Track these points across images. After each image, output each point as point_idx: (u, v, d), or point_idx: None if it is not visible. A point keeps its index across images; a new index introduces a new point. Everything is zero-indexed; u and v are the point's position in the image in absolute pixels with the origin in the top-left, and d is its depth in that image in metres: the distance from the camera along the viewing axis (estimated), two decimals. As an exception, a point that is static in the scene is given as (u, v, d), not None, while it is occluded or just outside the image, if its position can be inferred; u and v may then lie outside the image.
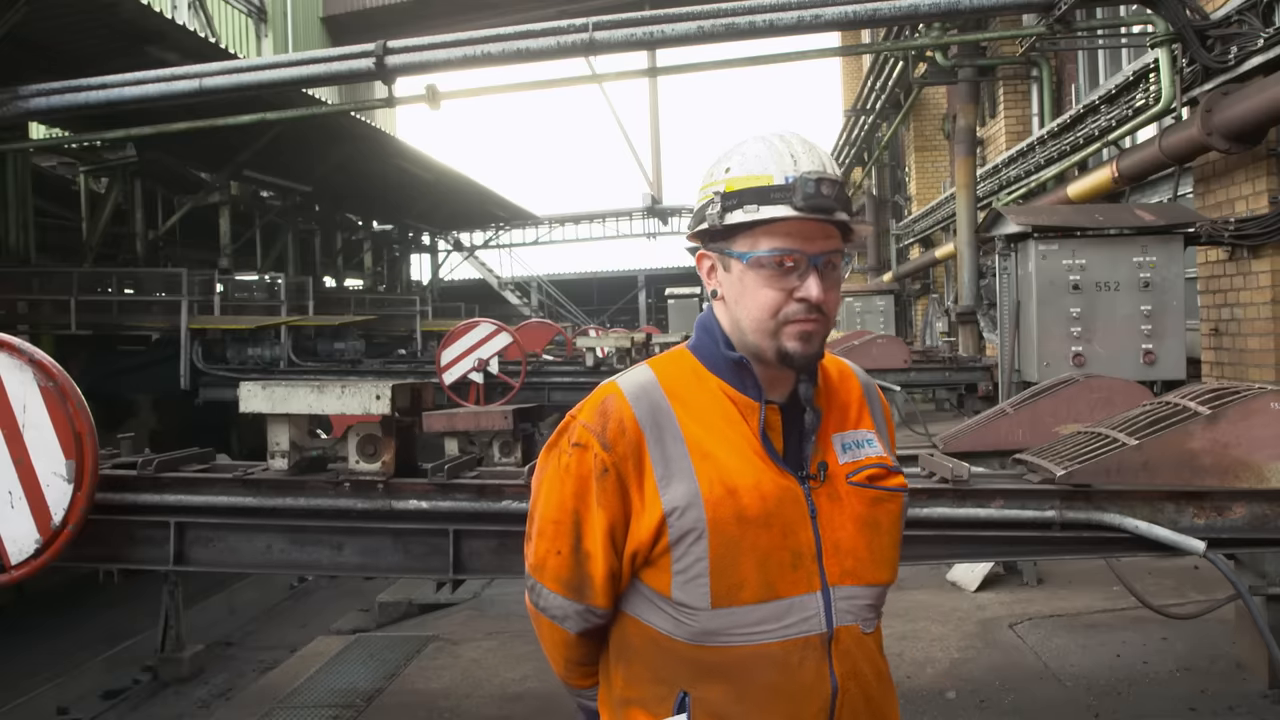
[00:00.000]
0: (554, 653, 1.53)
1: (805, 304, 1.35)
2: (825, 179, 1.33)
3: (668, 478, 1.34)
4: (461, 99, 10.53)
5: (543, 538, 1.44)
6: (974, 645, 4.54)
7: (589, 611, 1.43)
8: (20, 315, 13.08)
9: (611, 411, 1.38)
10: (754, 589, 1.33)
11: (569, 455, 1.40)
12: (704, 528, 1.32)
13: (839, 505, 1.40)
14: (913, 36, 9.98)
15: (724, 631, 1.34)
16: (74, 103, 8.58)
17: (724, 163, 1.41)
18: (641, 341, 12.91)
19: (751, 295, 1.37)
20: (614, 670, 1.45)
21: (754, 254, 1.36)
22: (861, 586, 1.40)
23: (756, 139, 1.40)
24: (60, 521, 3.21)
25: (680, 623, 1.35)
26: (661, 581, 1.36)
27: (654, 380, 1.42)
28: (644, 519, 1.35)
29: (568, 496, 1.40)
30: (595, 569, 1.40)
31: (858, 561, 1.39)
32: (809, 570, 1.36)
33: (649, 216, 31.33)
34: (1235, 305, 6.59)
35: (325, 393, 3.51)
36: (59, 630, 8.57)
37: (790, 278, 1.35)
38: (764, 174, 1.35)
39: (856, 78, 22.85)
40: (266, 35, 24.03)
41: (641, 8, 11.06)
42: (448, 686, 4.49)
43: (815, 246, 1.36)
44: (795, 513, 1.36)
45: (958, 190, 10.96)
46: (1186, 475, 3.37)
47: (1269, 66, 5.94)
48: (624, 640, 1.44)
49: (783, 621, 1.34)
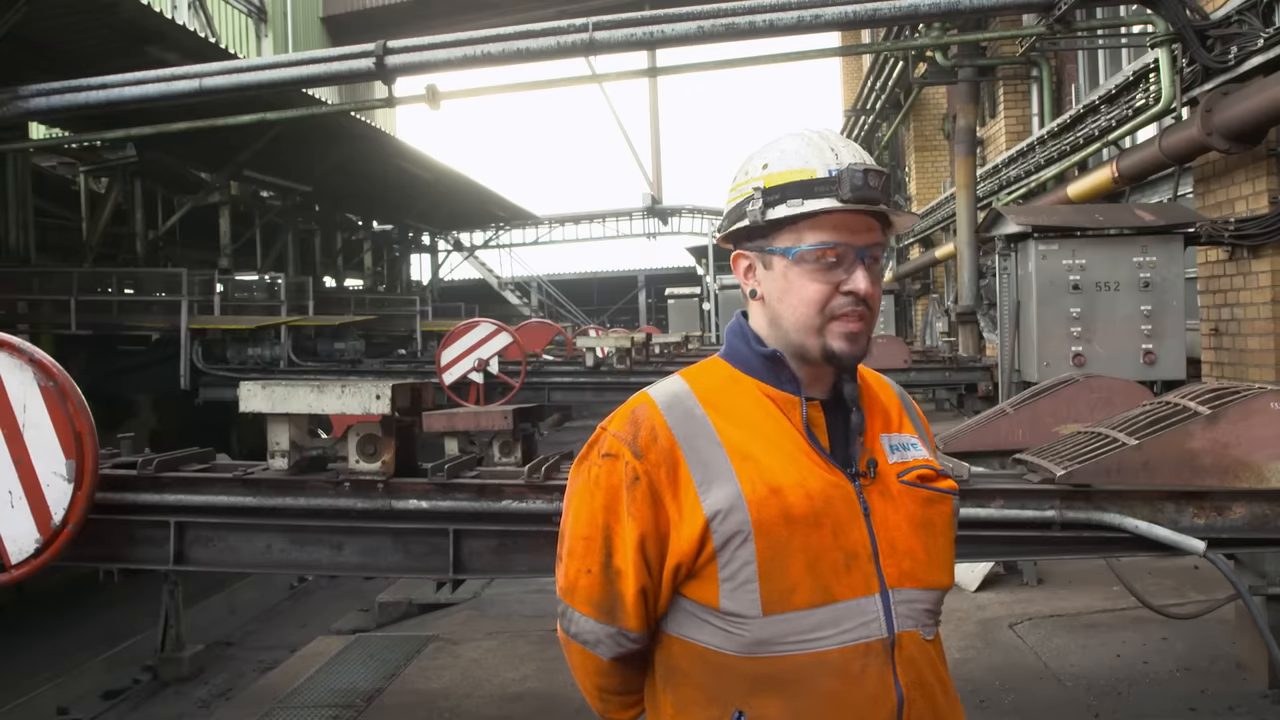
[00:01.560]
0: (586, 681, 1.44)
1: (853, 297, 1.33)
2: (872, 170, 1.32)
3: (707, 483, 1.29)
4: (461, 99, 10.53)
5: (573, 557, 1.37)
6: (974, 645, 4.54)
7: (621, 635, 1.35)
8: (20, 315, 13.08)
9: (643, 420, 1.34)
10: (807, 592, 1.27)
11: (599, 467, 1.35)
12: (749, 530, 1.26)
13: (892, 504, 1.34)
14: (913, 36, 9.99)
15: (778, 640, 1.27)
16: (74, 103, 8.58)
17: (759, 159, 1.38)
18: (641, 341, 12.90)
19: (797, 291, 1.34)
20: (661, 698, 1.38)
21: (800, 248, 1.33)
22: (921, 590, 1.34)
23: (792, 135, 1.39)
24: (60, 521, 3.21)
25: (731, 634, 1.29)
26: (708, 593, 1.30)
27: (686, 388, 1.38)
28: (684, 529, 1.29)
29: (598, 510, 1.34)
30: (626, 587, 1.33)
31: (915, 563, 1.34)
32: (865, 572, 1.30)
33: (649, 216, 31.37)
34: (1235, 305, 6.59)
35: (325, 393, 3.51)
36: (59, 630, 8.56)
37: (837, 271, 1.33)
38: (806, 168, 1.33)
39: (856, 78, 22.85)
40: (266, 35, 24.03)
41: (641, 8, 11.06)
42: (448, 686, 4.49)
43: (861, 239, 1.34)
44: (846, 511, 1.31)
45: (958, 190, 10.96)
46: (1186, 475, 3.36)
47: (1269, 66, 5.94)
48: (670, 664, 1.36)
49: (841, 626, 1.28)
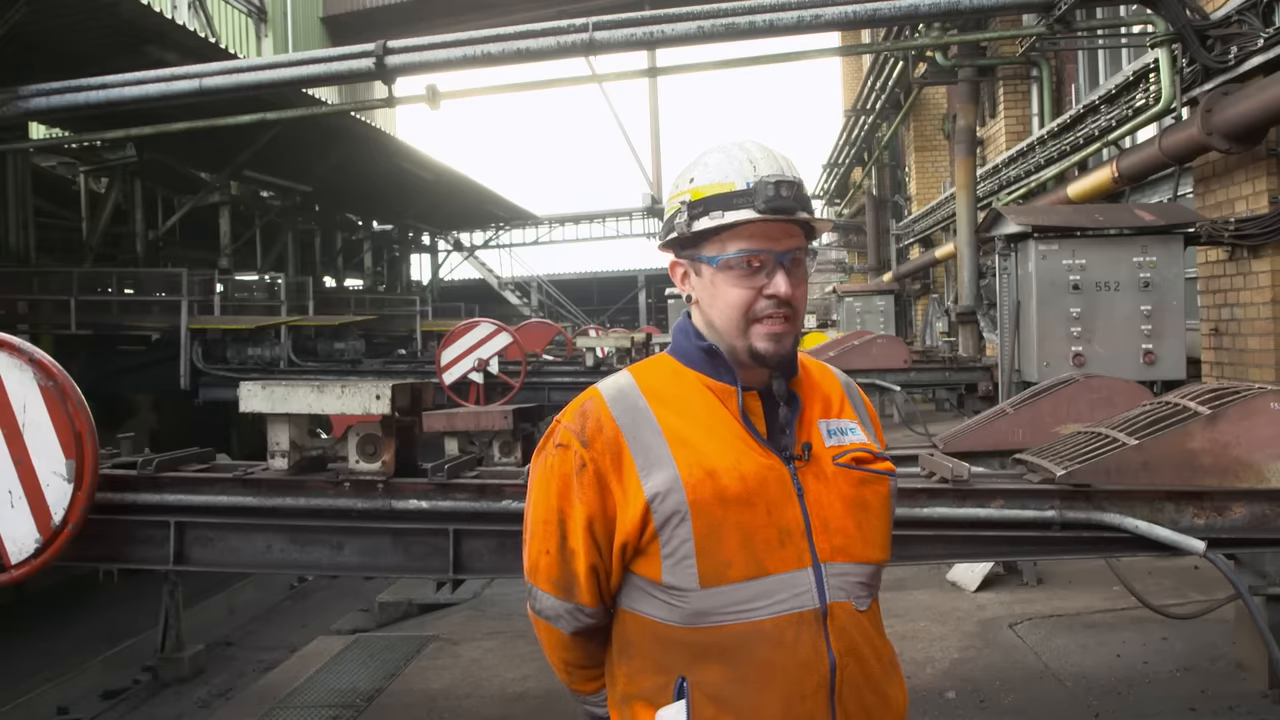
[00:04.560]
0: (553, 655, 1.58)
1: (775, 299, 1.43)
2: (784, 181, 1.42)
3: (648, 467, 1.40)
4: (461, 99, 10.52)
5: (534, 539, 1.50)
6: (974, 645, 4.54)
7: (579, 610, 1.48)
8: (20, 315, 13.10)
9: (590, 412, 1.45)
10: (741, 566, 1.37)
11: (553, 456, 1.47)
12: (686, 510, 1.37)
13: (826, 485, 1.44)
14: (913, 36, 9.99)
15: (716, 611, 1.37)
16: (74, 103, 8.58)
17: (688, 174, 1.49)
18: (641, 341, 12.91)
19: (723, 296, 1.45)
20: (617, 668, 1.49)
21: (723, 257, 1.44)
22: (853, 564, 1.44)
23: (716, 150, 1.49)
24: (60, 521, 3.21)
25: (673, 607, 1.39)
26: (652, 569, 1.40)
27: (631, 382, 1.49)
28: (629, 511, 1.40)
29: (553, 496, 1.46)
30: (579, 566, 1.44)
31: (847, 539, 1.43)
32: (799, 547, 1.40)
33: (649, 216, 31.30)
34: (1235, 305, 6.58)
35: (325, 393, 3.51)
36: (59, 630, 8.56)
37: (759, 276, 1.43)
38: (726, 181, 1.43)
39: (856, 78, 22.85)
40: (266, 35, 24.05)
41: (641, 8, 11.07)
42: (448, 686, 4.49)
43: (780, 245, 1.44)
44: (780, 491, 1.41)
45: (958, 190, 10.96)
46: (1186, 475, 3.37)
47: (1269, 66, 5.93)
48: (624, 636, 1.47)
49: (774, 598, 1.38)
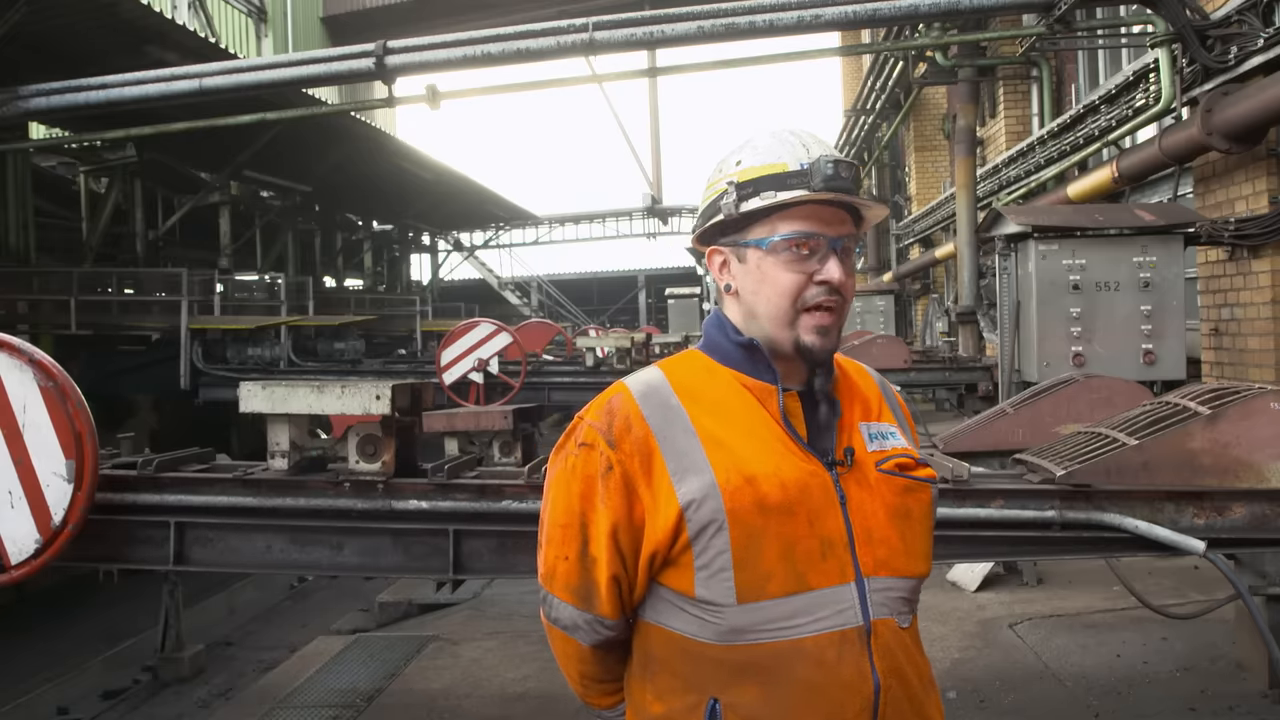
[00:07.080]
0: (569, 668, 1.47)
1: (826, 286, 1.34)
2: (841, 161, 1.34)
3: (681, 471, 1.29)
4: (461, 99, 10.52)
5: (551, 544, 1.39)
6: (974, 645, 4.54)
7: (598, 621, 1.37)
8: (20, 315, 13.08)
9: (618, 409, 1.35)
10: (782, 580, 1.27)
11: (575, 455, 1.36)
12: (723, 519, 1.27)
13: (869, 492, 1.34)
14: (913, 36, 9.98)
15: (753, 628, 1.28)
16: (74, 103, 8.57)
17: (734, 156, 1.40)
18: (641, 341, 12.90)
19: (771, 282, 1.35)
20: (640, 686, 1.38)
21: (773, 238, 1.35)
22: (897, 578, 1.34)
23: (765, 133, 1.41)
24: (60, 521, 3.21)
25: (706, 623, 1.29)
26: (684, 581, 1.30)
27: (662, 378, 1.39)
28: (659, 518, 1.29)
29: (574, 498, 1.35)
30: (600, 574, 1.34)
31: (891, 551, 1.34)
32: (841, 560, 1.30)
33: (649, 216, 31.27)
34: (1235, 305, 6.58)
35: (325, 393, 3.51)
36: (59, 630, 8.55)
37: (810, 261, 1.35)
38: (778, 162, 1.35)
39: (856, 78, 22.84)
40: (266, 35, 24.03)
41: (641, 8, 11.07)
42: (448, 686, 4.49)
43: (833, 230, 1.36)
44: (822, 499, 1.31)
45: (958, 190, 10.96)
46: (1186, 475, 3.37)
47: (1269, 66, 5.93)
48: (649, 652, 1.37)
49: (815, 614, 1.28)
